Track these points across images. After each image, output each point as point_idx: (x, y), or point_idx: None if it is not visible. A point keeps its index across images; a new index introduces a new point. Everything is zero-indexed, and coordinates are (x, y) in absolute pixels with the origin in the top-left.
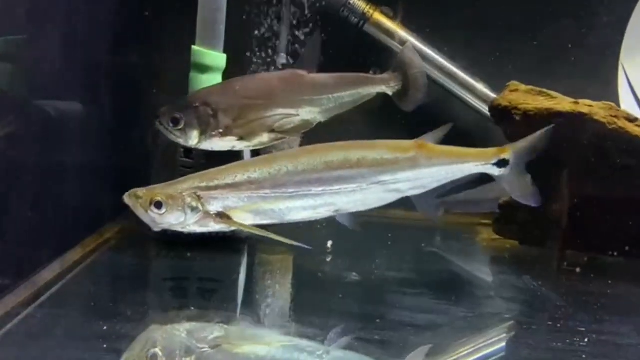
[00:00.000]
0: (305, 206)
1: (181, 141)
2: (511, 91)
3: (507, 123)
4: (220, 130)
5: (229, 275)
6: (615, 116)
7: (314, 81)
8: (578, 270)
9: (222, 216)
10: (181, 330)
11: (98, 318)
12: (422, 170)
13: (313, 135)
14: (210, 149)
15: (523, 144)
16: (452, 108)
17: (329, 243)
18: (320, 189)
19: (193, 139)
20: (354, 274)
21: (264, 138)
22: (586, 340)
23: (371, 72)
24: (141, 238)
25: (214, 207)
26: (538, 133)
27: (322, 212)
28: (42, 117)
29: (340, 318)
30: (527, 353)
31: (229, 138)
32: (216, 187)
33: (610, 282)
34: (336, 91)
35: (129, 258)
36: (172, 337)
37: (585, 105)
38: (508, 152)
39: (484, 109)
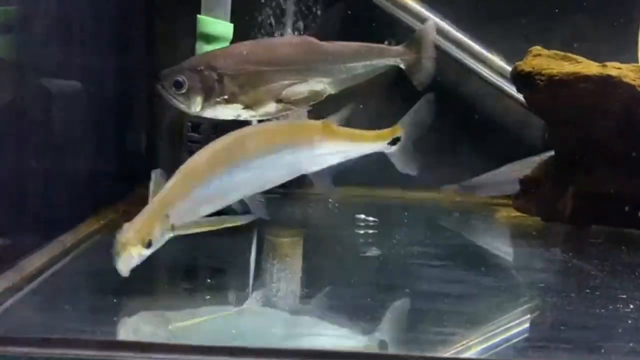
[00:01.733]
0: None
1: (183, 107)
2: (534, 56)
3: (530, 89)
4: (226, 97)
5: (238, 254)
6: None
7: (327, 49)
8: (600, 241)
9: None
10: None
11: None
12: (324, 149)
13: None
14: (213, 116)
15: (409, 118)
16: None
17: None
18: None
19: (196, 105)
20: (374, 248)
21: (271, 108)
22: (631, 306)
23: (385, 43)
24: None
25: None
26: (418, 104)
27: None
28: (39, 94)
29: (365, 290)
30: (569, 318)
31: (234, 106)
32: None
33: None
34: (349, 61)
35: None
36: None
37: (613, 68)
38: (400, 131)
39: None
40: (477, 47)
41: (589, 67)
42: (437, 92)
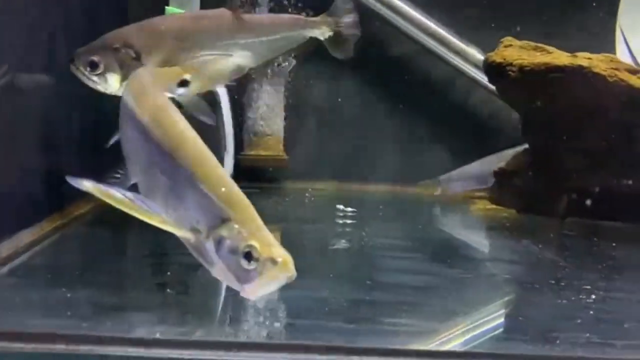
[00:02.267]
0: None
1: (100, 88)
2: (505, 47)
3: (502, 80)
4: None
5: None
6: (616, 68)
7: (245, 22)
8: (573, 233)
9: None
10: None
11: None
12: None
13: None
14: None
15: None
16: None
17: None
18: None
19: (113, 85)
20: (343, 241)
21: (193, 84)
22: (593, 297)
23: (303, 14)
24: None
25: None
26: None
27: None
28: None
29: (326, 282)
30: (531, 310)
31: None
32: None
33: (614, 244)
34: (268, 34)
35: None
36: None
37: (584, 58)
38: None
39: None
40: (452, 38)
41: (559, 57)
42: (413, 84)
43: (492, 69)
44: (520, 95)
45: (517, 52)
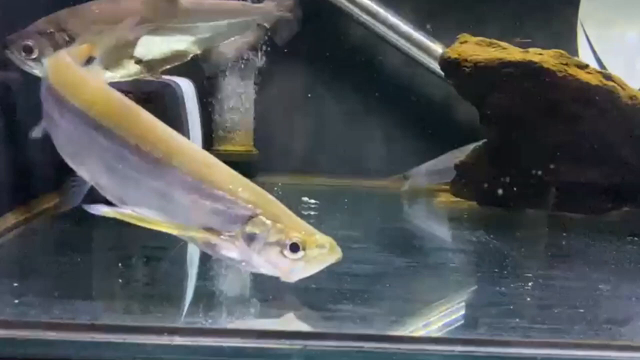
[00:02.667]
0: None
1: (36, 72)
2: (461, 43)
3: (457, 76)
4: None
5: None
6: (566, 64)
7: (186, 7)
8: (528, 224)
9: None
10: None
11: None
12: None
13: None
14: None
15: None
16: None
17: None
18: None
19: None
20: None
21: (130, 69)
22: (530, 284)
23: (249, 0)
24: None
25: None
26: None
27: None
28: None
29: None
30: (467, 296)
31: (89, 68)
32: None
33: (565, 234)
34: (211, 19)
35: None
36: None
37: (535, 54)
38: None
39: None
40: (418, 34)
41: (512, 53)
42: (381, 80)
43: (448, 65)
44: (476, 90)
45: (472, 48)
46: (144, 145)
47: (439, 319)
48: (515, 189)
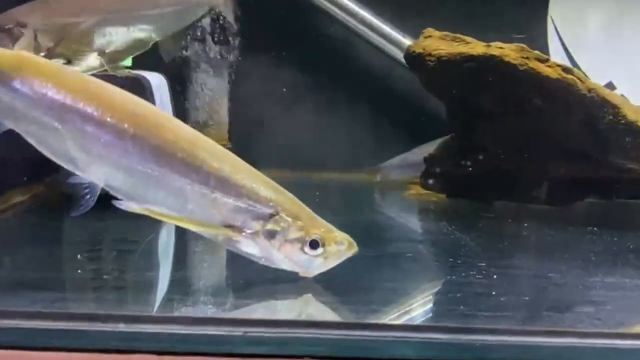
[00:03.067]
0: None
1: None
2: (425, 37)
3: (422, 70)
4: (42, 54)
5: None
6: (527, 57)
7: None
8: (492, 215)
9: None
10: None
11: None
12: None
13: None
14: None
15: None
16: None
17: None
18: None
19: None
20: None
21: (93, 61)
22: (483, 272)
23: None
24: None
25: None
26: None
27: None
28: None
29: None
30: (415, 284)
31: (53, 61)
32: None
33: (526, 225)
34: (168, 6)
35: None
36: None
37: (496, 48)
38: None
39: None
40: (387, 27)
41: (475, 47)
42: (354, 74)
43: (413, 59)
44: (440, 84)
45: (436, 42)
46: (165, 146)
47: (381, 306)
48: (481, 181)
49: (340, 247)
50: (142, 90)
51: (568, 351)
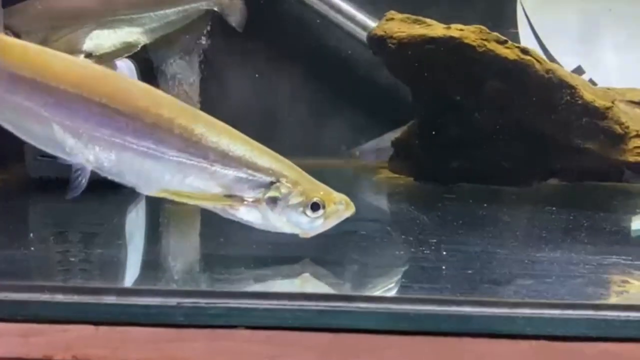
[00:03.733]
0: None
1: None
2: (387, 20)
3: (384, 53)
4: None
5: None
6: (486, 39)
7: None
8: (454, 196)
9: None
10: None
11: None
12: None
13: None
14: None
15: None
16: None
17: None
18: None
19: None
20: None
21: None
22: (432, 248)
23: None
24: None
25: None
26: None
27: None
28: None
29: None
30: (365, 260)
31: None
32: None
33: (485, 205)
34: (158, 8)
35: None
36: None
37: (456, 30)
38: None
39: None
40: (359, 13)
41: (435, 29)
42: (327, 60)
43: (374, 42)
44: (403, 66)
45: (397, 25)
46: (161, 122)
47: (330, 278)
48: (446, 164)
49: (339, 207)
50: None
51: (499, 320)
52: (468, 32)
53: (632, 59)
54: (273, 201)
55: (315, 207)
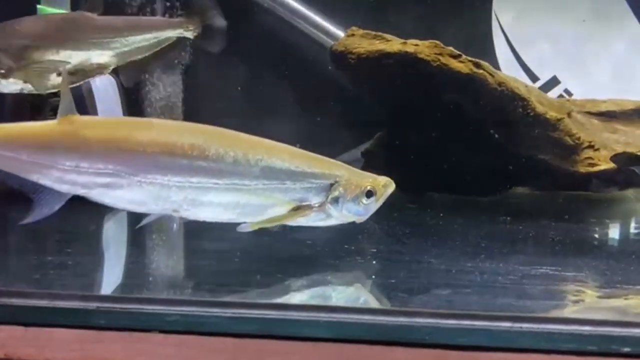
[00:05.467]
0: None
1: None
2: (348, 36)
3: (345, 67)
4: (2, 71)
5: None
6: (440, 53)
7: (104, 23)
8: (415, 206)
9: None
10: None
11: None
12: None
13: None
14: None
15: None
16: None
17: None
18: None
19: None
20: None
21: (54, 80)
22: (367, 257)
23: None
24: None
25: None
26: None
27: None
28: None
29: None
30: (289, 268)
31: (12, 80)
32: None
33: (442, 214)
34: (129, 34)
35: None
36: None
37: (411, 45)
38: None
39: None
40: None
41: (392, 45)
42: (304, 71)
43: (336, 57)
44: (363, 80)
45: (358, 40)
46: (244, 158)
47: (240, 287)
48: (411, 174)
49: (386, 189)
50: (79, 91)
51: (400, 329)
52: (423, 47)
53: (606, 68)
54: (335, 200)
55: (369, 194)
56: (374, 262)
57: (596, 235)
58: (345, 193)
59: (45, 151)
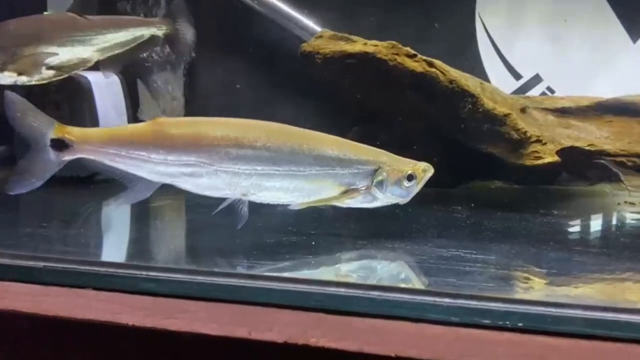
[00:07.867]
0: None
1: None
2: (317, 37)
3: (312, 67)
4: None
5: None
6: (397, 53)
7: (86, 22)
8: None
9: None
10: None
11: None
12: None
13: None
14: None
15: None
16: None
17: None
18: None
19: None
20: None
21: (45, 74)
22: (303, 238)
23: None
24: None
25: None
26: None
27: None
28: None
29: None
30: (263, 248)
31: (7, 73)
32: None
33: (410, 210)
34: (109, 31)
35: None
36: None
37: (371, 45)
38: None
39: None
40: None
41: (355, 45)
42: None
43: (305, 57)
44: (330, 80)
45: (325, 42)
46: (301, 148)
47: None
48: None
49: (425, 173)
50: (79, 88)
51: (288, 293)
52: (381, 48)
53: (587, 67)
54: (380, 184)
55: (410, 178)
56: (312, 242)
57: (535, 225)
58: (389, 177)
59: (140, 148)
